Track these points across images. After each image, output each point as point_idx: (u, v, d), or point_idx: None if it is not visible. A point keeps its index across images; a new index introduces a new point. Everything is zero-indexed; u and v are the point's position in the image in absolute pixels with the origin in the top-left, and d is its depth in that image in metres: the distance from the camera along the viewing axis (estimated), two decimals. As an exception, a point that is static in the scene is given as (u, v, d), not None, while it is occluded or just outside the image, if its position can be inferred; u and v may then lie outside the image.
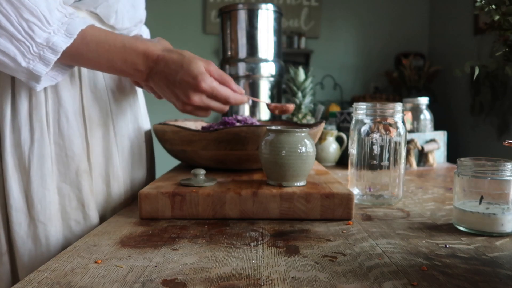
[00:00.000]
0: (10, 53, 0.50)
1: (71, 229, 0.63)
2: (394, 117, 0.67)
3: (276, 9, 1.17)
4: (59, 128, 0.61)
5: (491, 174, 0.51)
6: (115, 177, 0.69)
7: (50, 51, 0.52)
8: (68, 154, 0.62)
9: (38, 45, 0.51)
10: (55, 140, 0.61)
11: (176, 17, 3.80)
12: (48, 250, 0.60)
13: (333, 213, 0.57)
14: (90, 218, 0.64)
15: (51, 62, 0.52)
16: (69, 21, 0.53)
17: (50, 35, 0.51)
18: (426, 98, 1.22)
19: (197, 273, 0.39)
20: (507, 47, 0.56)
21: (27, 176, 0.59)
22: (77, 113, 0.63)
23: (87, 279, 0.38)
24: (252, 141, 0.69)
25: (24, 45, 0.50)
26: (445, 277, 0.38)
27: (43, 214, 0.59)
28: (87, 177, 0.64)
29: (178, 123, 0.90)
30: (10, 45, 0.50)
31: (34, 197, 0.59)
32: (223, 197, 0.57)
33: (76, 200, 0.63)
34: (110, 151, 0.68)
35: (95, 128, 0.66)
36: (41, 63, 0.52)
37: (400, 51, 3.96)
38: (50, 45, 0.51)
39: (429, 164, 1.13)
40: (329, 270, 0.40)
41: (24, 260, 0.60)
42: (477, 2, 0.58)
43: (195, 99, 0.59)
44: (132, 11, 0.73)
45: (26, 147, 0.59)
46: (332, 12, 3.97)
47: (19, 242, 0.59)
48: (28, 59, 0.51)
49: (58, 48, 0.52)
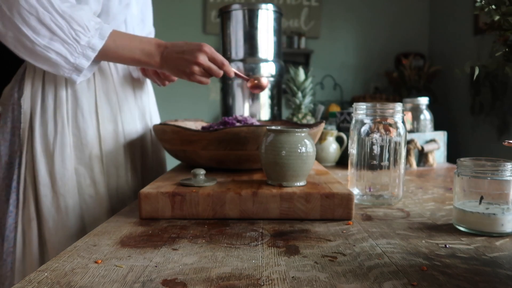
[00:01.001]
0: (62, 53, 0.69)
1: (86, 202, 0.79)
2: (394, 117, 0.67)
3: (276, 9, 1.17)
4: (76, 122, 0.79)
5: (491, 174, 0.51)
6: (123, 163, 0.85)
7: (90, 50, 0.71)
8: (83, 142, 0.79)
9: (82, 46, 0.70)
10: (73, 132, 0.79)
11: (176, 17, 3.80)
12: (67, 216, 0.77)
13: (333, 213, 0.57)
14: (101, 194, 0.81)
15: (91, 57, 0.71)
16: (100, 27, 0.72)
17: (90, 39, 0.70)
18: (426, 98, 1.22)
19: (197, 273, 0.39)
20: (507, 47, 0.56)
21: (51, 159, 0.76)
22: (92, 111, 0.80)
23: (87, 279, 0.38)
24: (252, 141, 0.69)
25: (72, 47, 0.69)
26: (445, 277, 0.38)
27: (63, 188, 0.77)
28: (98, 161, 0.81)
29: (178, 123, 0.90)
30: (63, 48, 0.69)
31: (57, 175, 0.76)
32: (223, 197, 0.57)
33: (90, 179, 0.80)
34: (119, 142, 0.85)
35: (107, 123, 0.83)
36: (84, 59, 0.71)
37: (400, 51, 3.97)
38: (90, 45, 0.70)
39: (429, 164, 1.13)
40: (329, 270, 0.40)
41: (49, 225, 0.76)
42: (477, 2, 0.58)
43: (200, 58, 0.75)
44: (141, 25, 0.93)
45: (51, 137, 0.77)
46: (332, 12, 3.97)
47: (45, 210, 0.76)
48: (75, 57, 0.70)
49: (96, 47, 0.71)
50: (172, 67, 0.77)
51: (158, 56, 0.77)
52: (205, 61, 0.76)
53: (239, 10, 1.14)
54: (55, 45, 0.68)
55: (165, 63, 0.77)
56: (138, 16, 0.91)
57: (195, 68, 0.76)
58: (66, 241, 0.76)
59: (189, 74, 0.77)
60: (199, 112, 3.75)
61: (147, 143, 0.93)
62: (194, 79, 0.78)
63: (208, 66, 0.77)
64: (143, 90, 0.94)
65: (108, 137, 0.82)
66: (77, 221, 0.78)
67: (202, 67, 0.77)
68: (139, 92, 0.92)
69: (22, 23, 0.65)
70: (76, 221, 0.78)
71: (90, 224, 0.79)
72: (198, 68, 0.76)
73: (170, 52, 0.76)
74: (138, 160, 0.90)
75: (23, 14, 0.65)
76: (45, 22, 0.66)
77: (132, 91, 0.90)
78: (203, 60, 0.76)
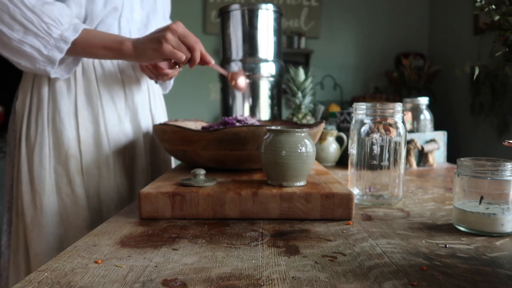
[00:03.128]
0: (35, 45, 0.72)
1: (63, 200, 0.82)
2: (394, 117, 0.67)
3: (276, 9, 1.17)
4: (54, 124, 0.82)
5: (491, 174, 0.51)
6: (105, 164, 0.86)
7: (63, 42, 0.73)
8: (59, 142, 0.82)
9: (55, 39, 0.72)
10: (52, 133, 0.82)
11: (176, 17, 3.75)
12: (42, 214, 0.80)
13: (333, 213, 0.57)
14: (77, 192, 0.82)
15: (64, 49, 0.73)
16: (75, 23, 0.75)
17: (62, 32, 0.73)
18: (426, 98, 1.22)
19: (197, 273, 0.39)
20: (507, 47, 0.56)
21: (31, 159, 0.81)
22: (71, 113, 0.83)
23: (87, 279, 0.38)
24: (252, 141, 0.69)
25: (45, 40, 0.72)
26: (445, 277, 0.38)
27: (39, 186, 0.80)
28: (74, 160, 0.82)
29: (178, 123, 0.90)
30: (36, 41, 0.72)
31: (34, 174, 0.80)
32: (223, 197, 0.57)
33: (66, 177, 0.82)
34: (100, 143, 0.85)
35: (88, 124, 0.85)
36: (57, 51, 0.73)
37: (400, 51, 3.96)
38: (63, 38, 0.73)
39: (429, 164, 1.13)
40: (329, 270, 0.40)
41: (28, 220, 0.81)
42: (477, 2, 0.58)
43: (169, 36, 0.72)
44: (143, 29, 0.93)
45: (33, 138, 0.81)
46: (332, 12, 3.96)
47: (25, 206, 0.81)
48: (48, 49, 0.73)
49: (68, 40, 0.73)
50: (143, 50, 0.75)
51: (130, 42, 0.76)
52: (175, 41, 0.73)
53: (239, 10, 1.14)
54: (28, 39, 0.71)
55: (137, 47, 0.75)
56: (142, 21, 0.93)
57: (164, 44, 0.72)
58: (41, 238, 0.80)
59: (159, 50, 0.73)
60: (199, 112, 3.75)
61: (139, 144, 0.93)
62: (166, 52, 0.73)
63: (182, 33, 0.74)
64: (135, 90, 0.93)
65: (88, 138, 0.84)
66: (53, 219, 0.81)
67: (176, 33, 0.73)
68: (130, 92, 0.92)
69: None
70: (52, 219, 0.81)
71: (67, 223, 0.82)
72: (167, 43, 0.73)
73: (141, 38, 0.76)
74: (128, 161, 0.91)
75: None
76: (16, 18, 0.70)
77: (121, 91, 0.90)
78: (170, 37, 0.72)
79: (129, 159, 0.91)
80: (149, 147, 0.97)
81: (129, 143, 0.91)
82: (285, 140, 0.60)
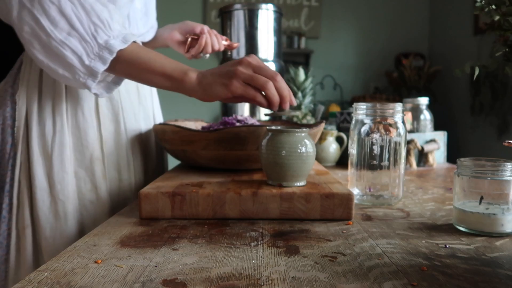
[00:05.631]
0: (77, 51, 0.61)
1: (86, 208, 0.74)
2: (394, 117, 0.67)
3: (276, 9, 1.17)
4: (76, 121, 0.74)
5: (491, 174, 0.51)
6: (125, 165, 0.80)
7: (107, 51, 0.62)
8: (83, 143, 0.74)
9: (99, 45, 0.62)
10: (73, 132, 0.73)
11: (176, 17, 3.78)
12: (66, 223, 0.72)
13: (333, 213, 0.57)
14: (102, 199, 0.75)
15: (107, 61, 0.62)
16: (126, 33, 0.65)
17: (109, 39, 0.62)
18: (426, 98, 1.22)
19: (197, 273, 0.39)
20: (507, 47, 0.56)
21: (50, 161, 0.71)
22: (92, 109, 0.75)
23: (87, 279, 0.38)
24: (252, 141, 0.69)
25: (89, 46, 0.61)
26: (445, 277, 0.38)
27: (62, 193, 0.71)
28: (99, 163, 0.75)
29: (178, 123, 0.90)
30: (79, 46, 0.61)
31: (55, 179, 0.71)
32: (223, 197, 0.57)
33: (90, 183, 0.75)
34: (121, 143, 0.79)
35: (108, 123, 0.78)
36: (99, 62, 0.62)
37: (400, 51, 3.96)
38: (107, 46, 0.62)
39: (429, 164, 1.13)
40: (329, 270, 0.40)
41: (46, 232, 0.71)
42: (477, 2, 0.58)
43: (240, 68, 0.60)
44: (145, 18, 0.87)
45: (49, 137, 0.71)
46: (332, 12, 3.96)
47: (42, 216, 0.71)
48: (91, 58, 0.62)
49: (113, 49, 0.62)
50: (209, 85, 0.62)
51: (194, 73, 0.64)
52: (247, 71, 0.61)
53: (239, 10, 1.14)
54: (71, 41, 0.61)
55: (202, 81, 0.63)
56: (141, 10, 0.86)
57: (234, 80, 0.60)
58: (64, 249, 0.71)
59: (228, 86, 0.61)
60: (199, 112, 3.75)
61: (151, 145, 0.90)
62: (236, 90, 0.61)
63: (250, 75, 0.60)
64: (147, 90, 0.90)
65: (109, 138, 0.78)
66: (77, 228, 0.74)
67: (244, 76, 0.60)
68: (143, 91, 0.88)
69: (41, 13, 0.60)
70: (75, 228, 0.74)
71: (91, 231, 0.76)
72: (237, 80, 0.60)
73: (207, 70, 0.64)
74: (142, 163, 0.86)
75: (44, 3, 0.60)
76: (65, 13, 0.60)
77: (136, 90, 0.85)
78: (244, 69, 0.61)
79: (144, 159, 0.87)
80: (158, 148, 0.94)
81: (143, 142, 0.87)
82: (285, 140, 0.60)
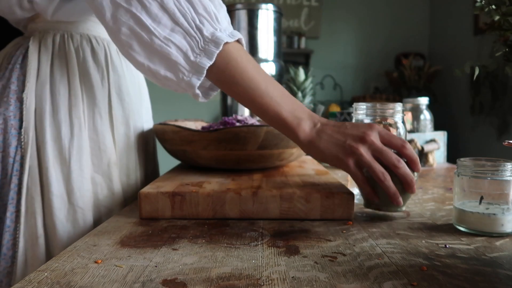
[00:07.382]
0: (183, 48, 0.54)
1: (101, 215, 0.71)
2: (394, 117, 0.67)
3: (276, 9, 1.17)
4: (93, 124, 0.70)
5: (491, 174, 0.51)
6: (134, 169, 0.78)
7: (213, 44, 0.54)
8: (101, 147, 0.70)
9: (205, 39, 0.54)
10: (90, 135, 0.69)
11: (176, 17, 3.79)
12: (85, 232, 0.66)
13: (333, 213, 0.57)
14: (118, 205, 0.72)
15: (213, 55, 0.55)
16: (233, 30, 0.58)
17: (216, 31, 0.55)
18: (426, 98, 1.22)
19: (197, 273, 0.39)
20: (507, 47, 0.56)
21: (67, 167, 0.66)
22: (106, 111, 0.72)
23: (87, 279, 0.38)
24: (252, 141, 0.69)
25: (194, 40, 0.54)
26: (445, 277, 0.38)
27: (81, 200, 0.67)
28: (116, 168, 0.72)
29: (178, 123, 0.90)
30: (184, 41, 0.54)
31: (74, 185, 0.66)
32: (223, 197, 0.57)
33: (107, 189, 0.71)
34: (130, 146, 0.76)
35: (119, 126, 0.74)
36: (205, 57, 0.55)
37: (400, 51, 3.96)
38: (214, 38, 0.54)
39: (429, 164, 1.13)
40: (329, 270, 0.40)
41: (63, 241, 0.66)
42: (477, 2, 0.58)
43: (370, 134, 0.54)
44: None
45: (66, 140, 0.66)
46: (332, 12, 3.97)
47: (58, 225, 0.65)
48: (196, 53, 0.55)
49: (220, 41, 0.54)
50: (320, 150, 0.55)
51: (308, 126, 0.56)
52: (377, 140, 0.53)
53: (239, 10, 1.14)
54: (176, 37, 0.54)
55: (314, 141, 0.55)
56: None
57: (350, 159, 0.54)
58: None
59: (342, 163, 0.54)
60: (199, 112, 3.75)
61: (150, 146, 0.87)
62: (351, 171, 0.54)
63: (380, 148, 0.53)
64: (146, 90, 0.88)
65: (120, 142, 0.74)
66: None
67: (373, 147, 0.53)
68: (145, 92, 0.86)
69: (141, 10, 0.53)
70: None
71: None
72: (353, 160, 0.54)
73: (327, 129, 0.55)
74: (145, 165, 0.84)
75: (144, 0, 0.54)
76: (168, 7, 0.53)
77: (139, 91, 0.82)
78: (374, 137, 0.53)
79: (145, 161, 0.85)
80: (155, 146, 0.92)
81: (146, 144, 0.84)
82: None
